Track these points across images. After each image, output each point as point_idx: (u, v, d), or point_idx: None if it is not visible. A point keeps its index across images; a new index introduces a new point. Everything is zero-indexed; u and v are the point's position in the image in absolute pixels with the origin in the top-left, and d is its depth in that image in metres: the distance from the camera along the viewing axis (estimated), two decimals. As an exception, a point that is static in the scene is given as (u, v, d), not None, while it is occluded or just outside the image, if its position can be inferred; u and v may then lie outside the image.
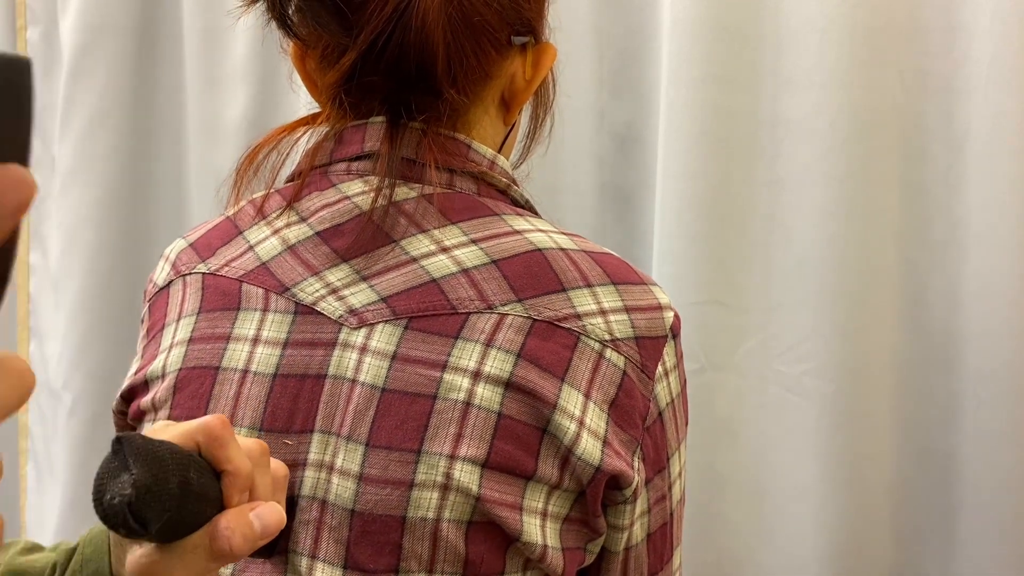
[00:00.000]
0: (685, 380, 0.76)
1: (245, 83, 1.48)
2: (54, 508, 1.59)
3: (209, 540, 0.52)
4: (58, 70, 1.56)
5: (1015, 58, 1.14)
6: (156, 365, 0.75)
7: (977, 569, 1.20)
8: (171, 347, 0.75)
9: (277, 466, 0.58)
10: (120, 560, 0.57)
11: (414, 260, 0.71)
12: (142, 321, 0.81)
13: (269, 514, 0.54)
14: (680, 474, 0.77)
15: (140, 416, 0.77)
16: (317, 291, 0.72)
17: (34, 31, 1.59)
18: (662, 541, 0.76)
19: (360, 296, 0.70)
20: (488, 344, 0.68)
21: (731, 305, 1.27)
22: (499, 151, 0.80)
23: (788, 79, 1.23)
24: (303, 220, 0.74)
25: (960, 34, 1.18)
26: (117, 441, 0.52)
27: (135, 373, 0.78)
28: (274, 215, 0.76)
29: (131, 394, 0.79)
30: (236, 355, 0.72)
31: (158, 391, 0.75)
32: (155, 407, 0.75)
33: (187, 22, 1.50)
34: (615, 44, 1.34)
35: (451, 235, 0.72)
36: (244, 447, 0.55)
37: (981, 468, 1.19)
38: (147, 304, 0.81)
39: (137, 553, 0.54)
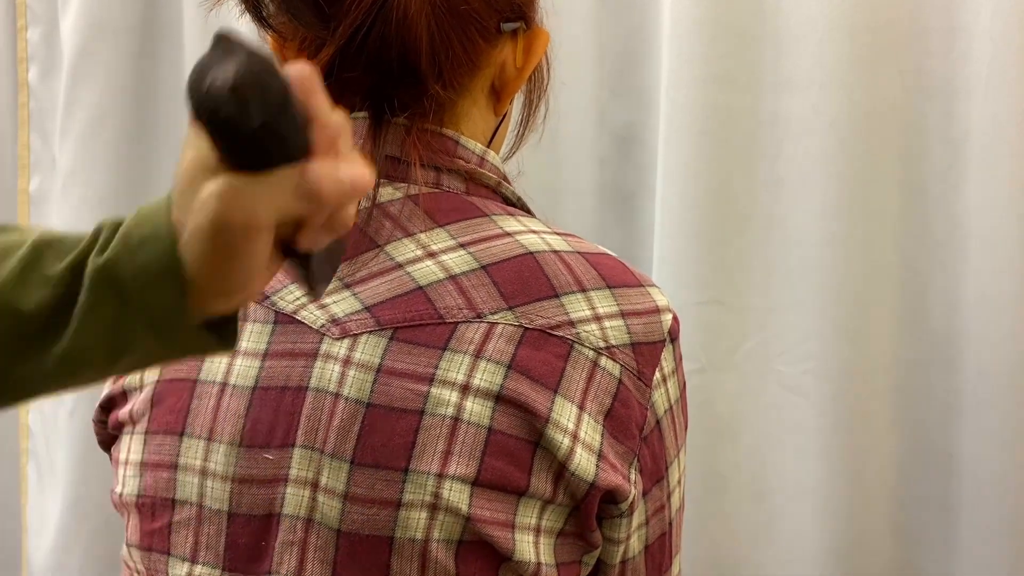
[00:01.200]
0: (684, 384, 0.73)
1: (245, 83, 1.48)
2: (55, 508, 1.59)
3: (298, 177, 0.48)
4: (58, 70, 1.56)
5: (1015, 58, 1.14)
6: (134, 375, 0.73)
7: (977, 569, 1.20)
8: None
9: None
10: (186, 205, 0.49)
11: (399, 266, 0.68)
12: None
13: (358, 170, 0.50)
14: (679, 482, 0.74)
15: (119, 427, 0.74)
16: (298, 299, 0.69)
17: (34, 31, 1.59)
18: (660, 552, 0.73)
19: (343, 305, 0.67)
20: (477, 355, 0.64)
21: (731, 305, 1.27)
22: (490, 142, 0.76)
23: (788, 79, 1.23)
24: None
25: (960, 34, 1.17)
26: (219, 35, 0.48)
27: (113, 383, 0.75)
28: None
29: (110, 404, 0.76)
30: (214, 367, 0.69)
31: (136, 403, 0.72)
32: (133, 420, 0.72)
33: (187, 22, 1.50)
34: (615, 44, 1.34)
35: (438, 239, 0.69)
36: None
37: (981, 468, 1.19)
38: None
39: (219, 182, 0.48)
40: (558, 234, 0.72)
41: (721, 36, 1.23)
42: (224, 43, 0.48)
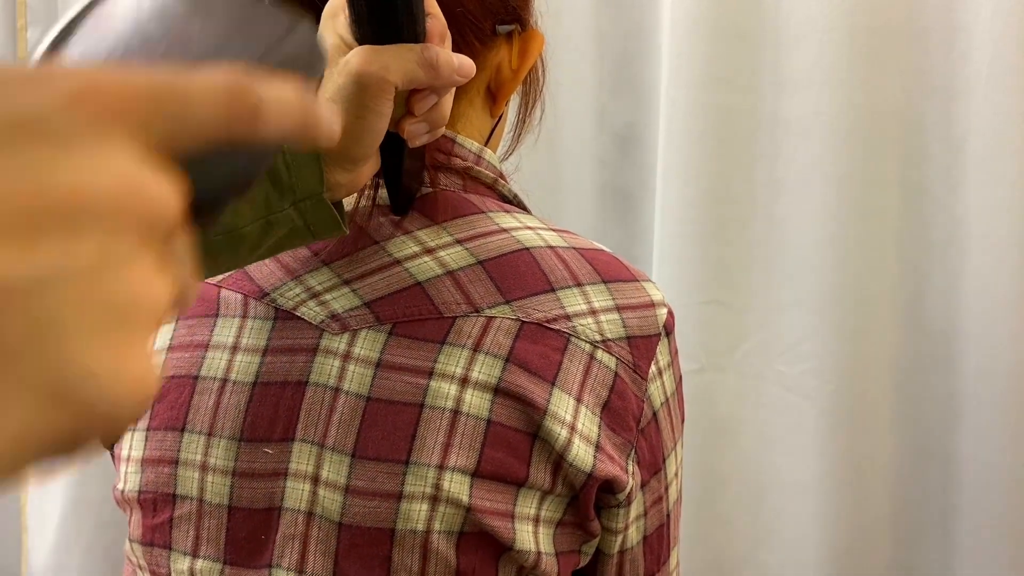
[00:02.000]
0: (680, 378, 0.74)
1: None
2: (55, 508, 1.59)
3: (422, 50, 0.59)
4: (60, 70, 1.56)
5: (1015, 58, 1.14)
6: None
7: (977, 569, 1.20)
8: None
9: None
10: (327, 81, 0.60)
11: (398, 263, 0.69)
12: None
13: (464, 58, 0.61)
14: (676, 474, 0.74)
15: None
16: (297, 295, 0.70)
17: (34, 31, 1.59)
18: (658, 542, 0.74)
19: (342, 301, 0.68)
20: (476, 349, 0.65)
21: (731, 305, 1.27)
22: (487, 143, 0.77)
23: (788, 79, 1.23)
24: None
25: (960, 34, 1.18)
26: None
27: None
28: None
29: None
30: (215, 364, 0.70)
31: None
32: None
33: (188, 22, 1.51)
34: (615, 44, 1.34)
35: (436, 236, 0.70)
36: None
37: (981, 468, 1.19)
38: None
39: (359, 49, 0.59)
40: (554, 230, 0.73)
41: (721, 36, 1.24)
42: None
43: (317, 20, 0.62)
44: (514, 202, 0.77)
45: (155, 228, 0.27)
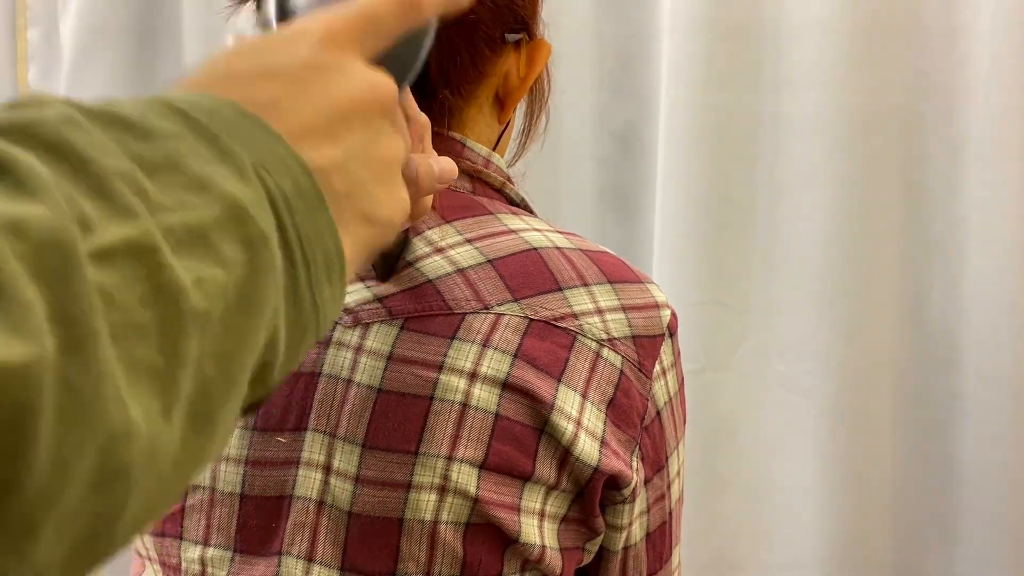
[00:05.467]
0: (683, 378, 0.75)
1: (245, 83, 1.48)
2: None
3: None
4: (58, 70, 1.56)
5: (1015, 58, 1.14)
6: None
7: (977, 569, 1.20)
8: None
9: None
10: None
11: (409, 264, 0.70)
12: None
13: (445, 162, 0.59)
14: (679, 473, 0.76)
15: None
16: None
17: (34, 31, 1.59)
18: (661, 540, 0.75)
19: (355, 295, 0.70)
20: (485, 345, 0.67)
21: (731, 305, 1.27)
22: (494, 149, 0.79)
23: (788, 79, 1.23)
24: None
25: (960, 34, 1.18)
26: None
27: None
28: None
29: None
30: None
31: None
32: None
33: (187, 22, 1.50)
34: (615, 44, 1.34)
35: (446, 235, 0.71)
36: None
37: (981, 468, 1.19)
38: None
39: None
40: (561, 232, 0.74)
41: (721, 36, 1.24)
42: None
43: None
44: (521, 205, 0.79)
45: (387, 108, 0.43)
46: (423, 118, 0.60)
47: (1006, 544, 1.18)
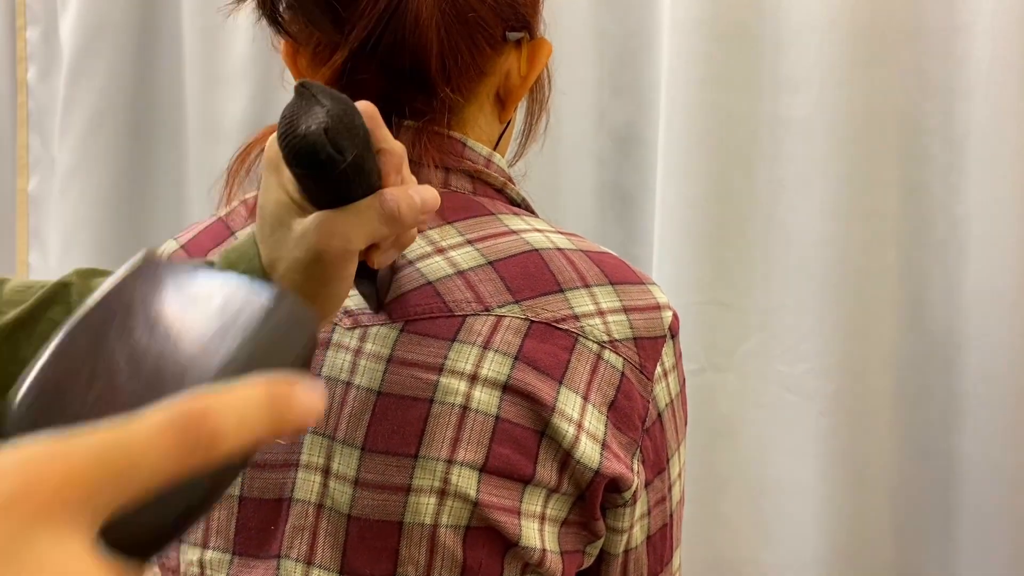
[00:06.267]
0: (684, 380, 0.75)
1: (245, 83, 1.48)
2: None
3: (379, 204, 0.55)
4: (58, 70, 1.56)
5: (1015, 58, 1.14)
6: None
7: (977, 569, 1.20)
8: None
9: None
10: (277, 244, 0.57)
11: (410, 263, 0.70)
12: None
13: (426, 191, 0.58)
14: (680, 475, 0.76)
15: None
16: None
17: (34, 31, 1.59)
18: (662, 543, 0.75)
19: (355, 298, 0.69)
20: (485, 347, 0.66)
21: (731, 305, 1.27)
22: (495, 148, 0.79)
23: (788, 79, 1.23)
24: None
25: (960, 34, 1.18)
26: (302, 85, 0.55)
27: None
28: None
29: None
30: None
31: None
32: None
33: (187, 22, 1.50)
34: (615, 44, 1.34)
35: (447, 236, 0.71)
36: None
37: (981, 468, 1.19)
38: None
39: (315, 217, 0.56)
40: (562, 233, 0.74)
41: (721, 36, 1.24)
42: (306, 91, 0.54)
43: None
44: (522, 205, 0.78)
45: None
46: (399, 147, 0.58)
47: (1006, 544, 1.18)
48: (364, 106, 0.56)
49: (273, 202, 0.57)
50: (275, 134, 0.56)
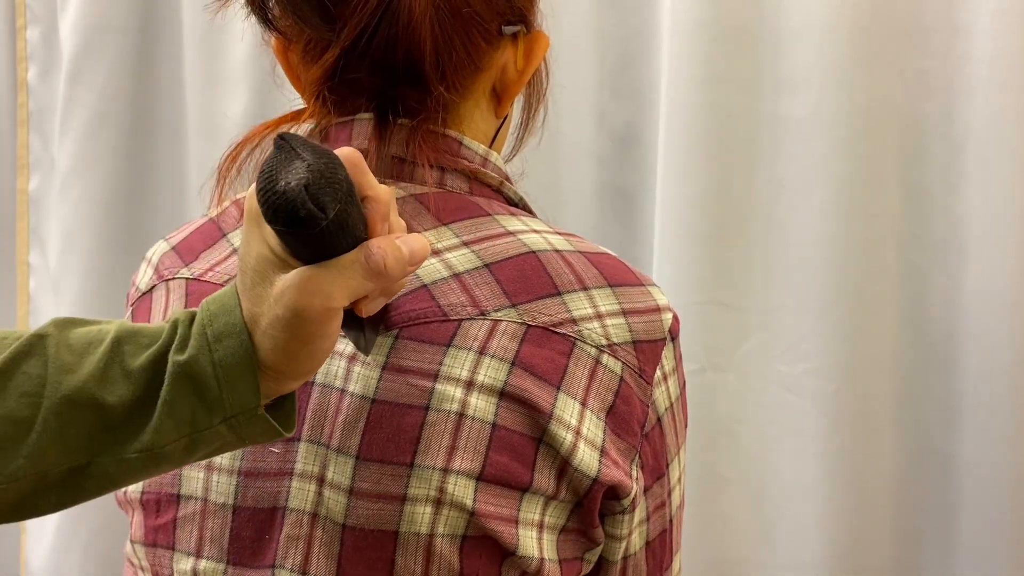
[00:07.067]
0: (684, 382, 0.73)
1: (245, 82, 1.48)
2: (54, 508, 1.59)
3: (364, 258, 0.54)
4: (58, 70, 1.56)
5: (1015, 58, 1.14)
6: None
7: (977, 569, 1.20)
8: None
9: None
10: (258, 299, 0.55)
11: None
12: None
13: (414, 240, 0.56)
14: (679, 479, 0.74)
15: None
16: None
17: (34, 31, 1.59)
18: (661, 548, 0.74)
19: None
20: (481, 352, 0.65)
21: (731, 305, 1.27)
22: (491, 144, 0.77)
23: (788, 79, 1.23)
24: None
25: (960, 34, 1.18)
26: (281, 138, 0.52)
27: None
28: None
29: None
30: None
31: None
32: None
33: (187, 22, 1.50)
34: (615, 44, 1.34)
35: (442, 237, 0.69)
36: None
37: (981, 468, 1.19)
38: (130, 308, 0.79)
39: (296, 274, 0.54)
40: (560, 234, 0.72)
41: (721, 36, 1.23)
42: (286, 144, 0.52)
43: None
44: (520, 205, 0.77)
45: None
46: (385, 194, 0.56)
47: (1006, 544, 1.18)
48: (348, 154, 0.54)
49: (255, 256, 0.55)
50: (254, 186, 0.53)
